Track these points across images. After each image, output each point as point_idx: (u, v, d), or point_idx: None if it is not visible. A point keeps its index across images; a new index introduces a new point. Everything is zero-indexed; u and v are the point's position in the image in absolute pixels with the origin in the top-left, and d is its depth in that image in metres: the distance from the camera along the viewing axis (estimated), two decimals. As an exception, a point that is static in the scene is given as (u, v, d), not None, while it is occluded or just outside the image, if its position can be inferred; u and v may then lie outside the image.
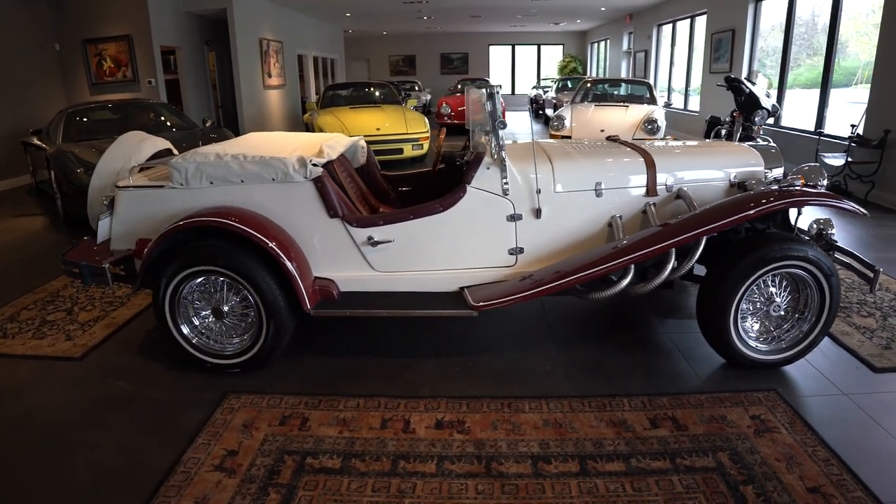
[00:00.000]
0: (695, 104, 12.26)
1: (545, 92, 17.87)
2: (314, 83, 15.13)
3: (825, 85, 7.76)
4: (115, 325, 3.56)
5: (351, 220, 2.85)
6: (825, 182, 3.01)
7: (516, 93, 23.09)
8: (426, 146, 9.08)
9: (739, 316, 2.81)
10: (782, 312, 2.89)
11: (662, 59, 14.42)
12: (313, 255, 2.88)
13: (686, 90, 12.98)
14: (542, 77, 22.39)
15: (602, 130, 8.39)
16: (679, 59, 13.47)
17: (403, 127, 8.92)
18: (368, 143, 8.88)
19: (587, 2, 13.98)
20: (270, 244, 2.66)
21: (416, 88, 18.46)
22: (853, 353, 3.11)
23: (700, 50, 11.73)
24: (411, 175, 3.93)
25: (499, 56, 23.45)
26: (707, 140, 3.61)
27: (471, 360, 3.02)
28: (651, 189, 3.05)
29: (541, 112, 17.81)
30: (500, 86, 2.85)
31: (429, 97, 19.13)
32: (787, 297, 2.87)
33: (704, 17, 11.25)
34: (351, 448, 2.30)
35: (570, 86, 15.08)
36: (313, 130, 10.46)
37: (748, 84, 7.59)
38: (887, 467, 2.26)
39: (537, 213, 2.92)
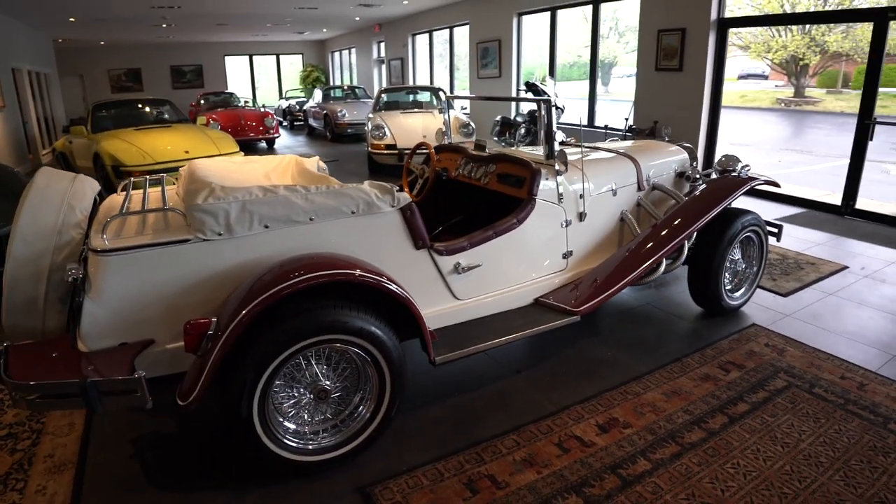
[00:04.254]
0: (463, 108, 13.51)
1: (298, 103, 17.53)
2: (32, 104, 12.28)
3: (592, 88, 9.47)
4: (67, 463, 2.40)
5: (438, 248, 2.64)
6: (741, 165, 3.92)
7: (261, 106, 22.07)
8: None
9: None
10: (743, 266, 3.70)
11: (420, 66, 15.49)
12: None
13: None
14: (285, 88, 21.85)
15: (424, 136, 8.81)
16: (441, 66, 14.66)
17: (214, 148, 7.99)
18: (177, 168, 7.90)
19: (341, 12, 14.20)
20: (403, 293, 2.25)
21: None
22: (767, 289, 4.12)
23: (465, 58, 12.99)
24: None
25: (236, 67, 22.05)
26: (626, 141, 4.22)
27: (548, 369, 3.07)
28: (641, 184, 3.55)
29: (295, 123, 17.44)
30: (550, 94, 2.77)
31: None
32: (741, 253, 3.68)
33: (467, 27, 12.49)
34: (567, 481, 2.20)
35: (337, 95, 15.14)
36: (72, 160, 8.65)
37: (542, 87, 8.82)
38: (856, 337, 3.21)
39: (581, 216, 3.16)
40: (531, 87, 8.89)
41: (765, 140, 13.52)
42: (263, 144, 13.28)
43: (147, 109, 9.25)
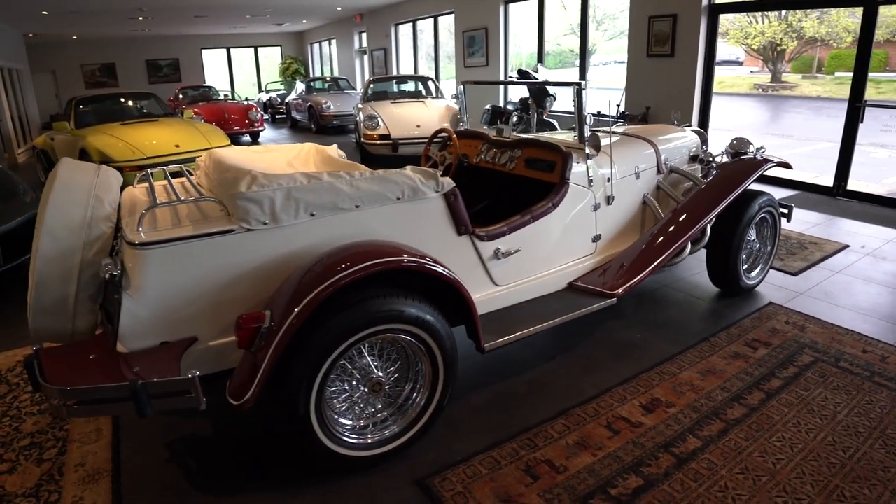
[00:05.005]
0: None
1: (279, 96, 17.28)
2: (6, 102, 11.88)
3: (582, 76, 9.51)
4: (101, 471, 2.29)
5: (480, 234, 2.62)
6: (755, 147, 3.98)
7: (245, 99, 21.64)
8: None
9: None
10: (758, 246, 3.77)
11: (404, 56, 15.38)
12: None
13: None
14: (265, 80, 21.49)
15: (418, 126, 8.77)
16: (426, 56, 14.56)
17: (204, 141, 7.83)
18: (169, 161, 7.73)
19: (323, 1, 14.00)
20: (458, 280, 2.22)
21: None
22: (777, 269, 4.21)
23: (451, 46, 12.93)
24: None
25: (213, 60, 21.60)
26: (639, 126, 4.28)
27: (580, 353, 3.08)
28: (660, 167, 3.59)
29: (277, 116, 17.18)
30: (586, 82, 2.77)
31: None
32: (755, 234, 3.75)
33: (451, 16, 12.42)
34: (624, 462, 2.22)
35: (320, 87, 14.95)
36: (55, 157, 8.41)
37: (534, 75, 8.84)
38: (869, 313, 3.34)
39: (609, 200, 3.18)
40: (523, 74, 8.90)
41: (746, 125, 13.74)
42: (247, 138, 13.07)
43: (131, 103, 9.03)
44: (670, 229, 3.17)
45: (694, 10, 7.23)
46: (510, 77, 10.95)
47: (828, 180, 6.50)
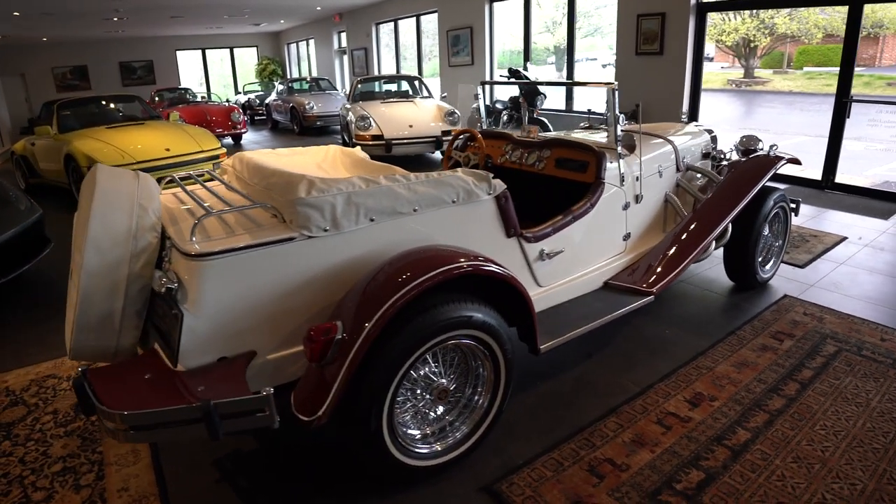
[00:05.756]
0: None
1: (258, 97, 17.03)
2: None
3: (570, 74, 9.60)
4: (148, 495, 2.21)
5: (527, 235, 2.63)
6: (769, 145, 4.08)
7: (226, 100, 21.27)
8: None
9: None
10: (771, 241, 3.88)
11: (385, 55, 15.31)
12: None
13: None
14: (241, 82, 21.16)
15: (411, 126, 8.75)
16: (409, 55, 14.52)
17: (195, 144, 7.71)
18: (159, 167, 7.57)
19: (302, 1, 13.86)
20: (520, 283, 2.23)
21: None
22: (785, 262, 4.33)
23: (434, 46, 12.92)
24: None
25: (187, 62, 21.16)
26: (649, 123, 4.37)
27: (615, 350, 3.13)
28: (679, 166, 3.66)
29: (256, 118, 16.93)
30: (617, 83, 2.80)
31: None
32: (768, 229, 3.85)
33: (435, 15, 12.41)
34: (682, 457, 2.27)
35: (301, 88, 14.79)
36: (35, 163, 8.20)
37: (525, 73, 8.90)
38: (878, 302, 3.52)
39: (637, 198, 3.24)
40: (514, 73, 8.95)
41: (722, 120, 14.05)
42: (229, 141, 12.86)
43: (116, 107, 8.81)
44: (696, 227, 3.24)
45: (682, 8, 7.37)
46: (500, 77, 10.98)
47: (814, 173, 6.69)
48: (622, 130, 3.16)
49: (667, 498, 2.05)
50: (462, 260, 2.04)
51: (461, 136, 3.79)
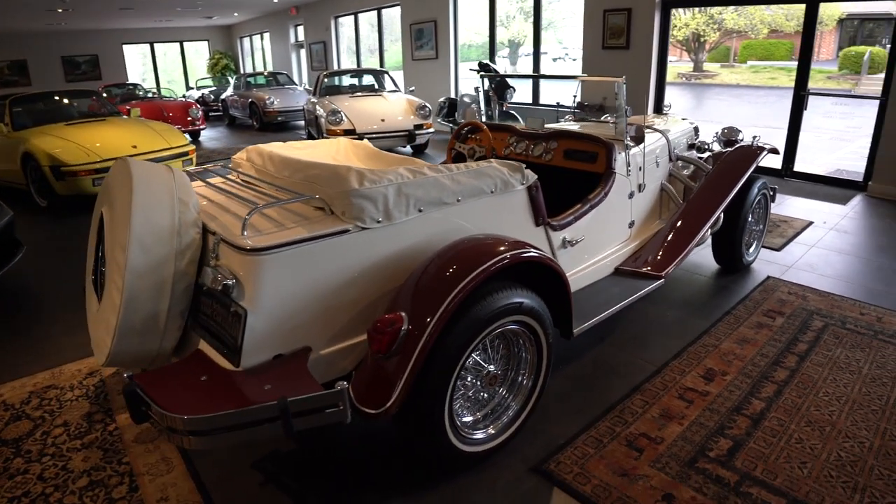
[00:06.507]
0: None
1: (212, 93, 16.56)
2: None
3: (536, 69, 9.78)
4: (191, 502, 2.16)
5: (553, 224, 2.72)
6: (743, 134, 4.31)
7: (175, 95, 20.54)
8: (195, 159, 7.87)
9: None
10: (755, 225, 4.12)
11: (344, 49, 15.15)
12: None
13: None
14: (192, 77, 20.49)
15: (383, 120, 8.75)
16: (370, 49, 14.42)
17: (162, 141, 7.50)
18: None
19: (259, -6, 13.57)
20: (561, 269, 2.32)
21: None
22: (764, 246, 4.60)
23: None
24: None
25: (133, 56, 20.30)
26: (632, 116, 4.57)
27: (624, 332, 3.28)
28: (671, 156, 3.84)
29: (210, 114, 16.46)
30: (624, 77, 2.91)
31: None
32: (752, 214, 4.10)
33: (397, 8, 12.37)
34: (708, 428, 2.41)
35: (259, 82, 14.49)
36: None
37: (494, 66, 9.02)
38: (850, 280, 3.80)
39: (640, 187, 3.39)
40: (484, 66, 9.05)
41: (675, 112, 14.58)
42: (188, 137, 12.46)
43: (72, 102, 8.45)
44: (694, 214, 3.42)
45: (648, 3, 7.63)
46: (471, 70, 11.06)
47: (773, 162, 7.05)
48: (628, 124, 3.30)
49: (703, 465, 2.19)
50: (515, 248, 2.11)
51: (465, 129, 3.86)
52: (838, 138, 10.23)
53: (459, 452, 2.11)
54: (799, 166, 6.98)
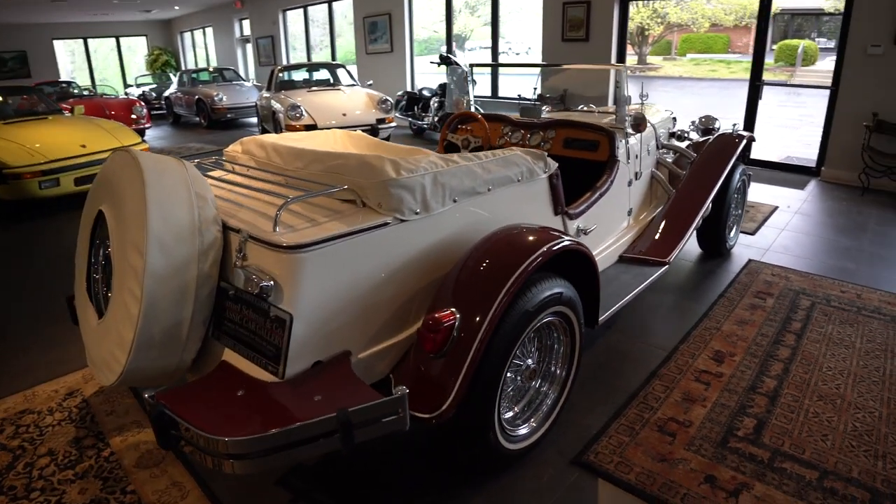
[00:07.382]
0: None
1: (153, 90, 15.83)
2: None
3: (494, 58, 9.81)
4: None
5: (570, 212, 2.71)
6: (719, 123, 4.44)
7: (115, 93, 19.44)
8: (149, 160, 7.48)
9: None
10: (735, 210, 4.26)
11: (294, 43, 14.76)
12: None
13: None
14: (129, 73, 19.49)
15: (344, 114, 8.57)
16: (321, 43, 14.09)
17: (113, 139, 7.07)
18: (76, 165, 6.94)
19: (201, -14, 13.03)
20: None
21: None
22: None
23: (349, 32, 12.64)
24: None
25: (64, 52, 19.09)
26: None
27: (629, 320, 3.24)
28: (659, 145, 3.91)
29: (153, 112, 15.74)
30: (628, 67, 2.92)
31: None
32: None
33: (348, 1, 12.13)
34: (730, 408, 2.47)
35: (205, 78, 13.92)
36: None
37: (454, 59, 8.98)
38: (823, 259, 3.98)
39: (637, 175, 3.43)
40: (445, 59, 9.01)
41: (653, 102, 14.95)
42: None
43: (9, 100, 7.88)
44: (687, 200, 3.50)
45: (607, -3, 7.76)
46: (433, 62, 10.98)
47: (732, 150, 7.32)
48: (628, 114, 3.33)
49: (735, 445, 2.24)
50: (553, 238, 2.08)
51: (455, 119, 3.81)
52: (783, 126, 10.74)
53: (504, 451, 2.07)
54: (754, 154, 7.28)
